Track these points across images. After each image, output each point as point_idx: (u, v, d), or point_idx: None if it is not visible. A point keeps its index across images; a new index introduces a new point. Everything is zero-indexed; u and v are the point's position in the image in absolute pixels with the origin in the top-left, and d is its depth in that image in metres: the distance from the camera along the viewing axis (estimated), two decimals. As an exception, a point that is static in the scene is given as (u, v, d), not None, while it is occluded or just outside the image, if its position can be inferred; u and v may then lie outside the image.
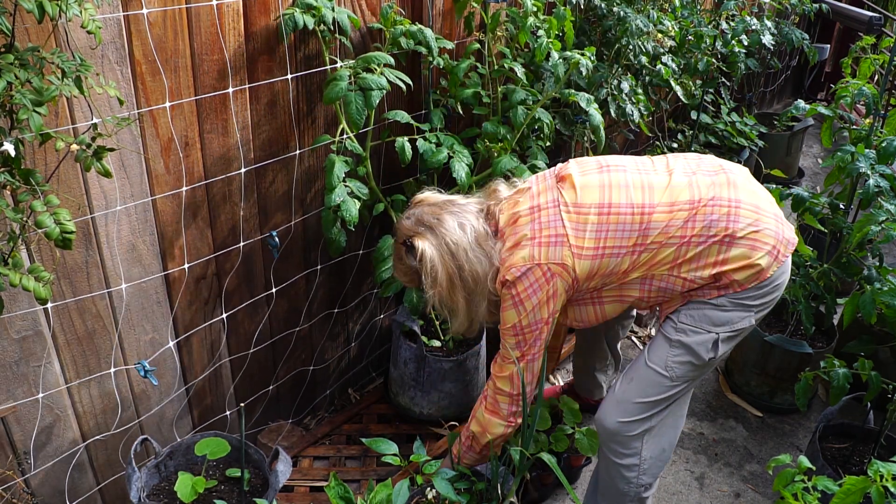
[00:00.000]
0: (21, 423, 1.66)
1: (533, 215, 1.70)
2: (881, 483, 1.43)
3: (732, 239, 1.64)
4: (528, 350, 1.75)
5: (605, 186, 1.69)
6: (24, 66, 1.20)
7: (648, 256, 1.67)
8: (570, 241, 1.66)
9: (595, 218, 1.66)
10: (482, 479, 1.88)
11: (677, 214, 1.65)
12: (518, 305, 1.69)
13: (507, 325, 1.74)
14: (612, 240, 1.66)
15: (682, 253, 1.65)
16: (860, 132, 2.57)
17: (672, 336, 1.75)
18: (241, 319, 2.07)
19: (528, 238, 1.68)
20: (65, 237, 1.23)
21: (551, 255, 1.66)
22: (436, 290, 1.72)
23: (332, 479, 1.67)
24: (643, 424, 1.80)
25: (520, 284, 1.67)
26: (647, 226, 1.65)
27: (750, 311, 1.71)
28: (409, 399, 2.37)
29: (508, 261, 1.70)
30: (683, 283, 1.69)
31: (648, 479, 1.89)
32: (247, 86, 1.79)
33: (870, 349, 2.41)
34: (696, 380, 1.80)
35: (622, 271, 1.69)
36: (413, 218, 1.76)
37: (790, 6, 3.77)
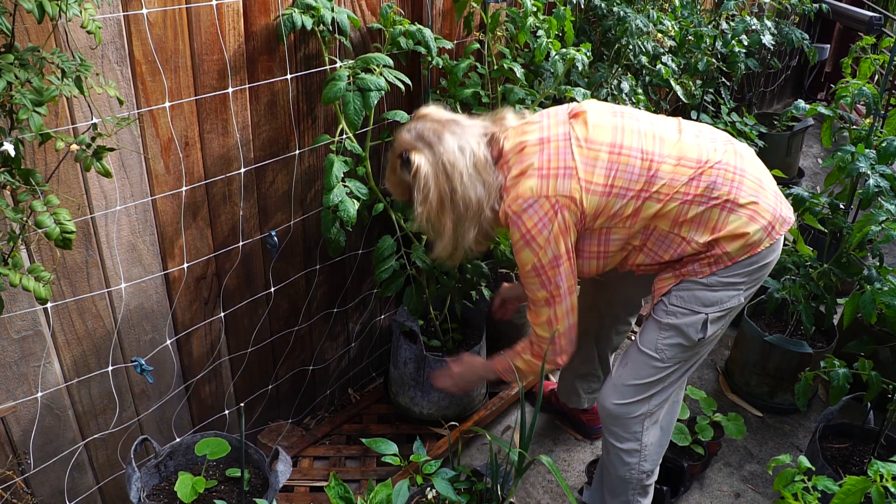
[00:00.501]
0: (21, 422, 1.66)
1: (542, 146, 1.67)
2: (881, 483, 1.43)
3: (733, 206, 1.65)
4: (554, 290, 1.72)
5: (618, 129, 1.68)
6: (24, 66, 1.20)
7: (652, 207, 1.65)
8: (578, 175, 1.63)
9: (605, 156, 1.65)
10: (482, 480, 1.88)
11: (682, 170, 1.65)
12: (531, 243, 1.66)
13: (526, 267, 1.70)
14: (620, 180, 1.64)
15: (684, 211, 1.65)
16: (860, 132, 2.57)
17: (662, 319, 1.77)
18: (240, 319, 2.07)
19: (535, 168, 1.64)
20: (65, 237, 1.23)
21: (559, 188, 1.63)
22: (425, 207, 1.69)
23: (332, 479, 1.67)
24: (640, 407, 1.83)
25: (527, 218, 1.64)
26: (654, 174, 1.64)
27: (739, 290, 1.72)
28: (409, 399, 2.36)
29: (513, 190, 1.66)
30: (680, 244, 1.68)
31: (650, 466, 1.92)
32: (247, 86, 1.79)
33: (870, 349, 2.41)
34: (687, 361, 1.81)
35: (626, 215, 1.67)
36: (414, 132, 1.72)
37: (790, 6, 3.77)
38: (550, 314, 1.75)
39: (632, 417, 1.85)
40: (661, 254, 1.72)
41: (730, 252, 1.67)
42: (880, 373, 2.11)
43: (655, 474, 1.97)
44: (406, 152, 1.70)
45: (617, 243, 1.73)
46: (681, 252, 1.70)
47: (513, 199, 1.65)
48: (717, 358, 2.97)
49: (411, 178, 1.69)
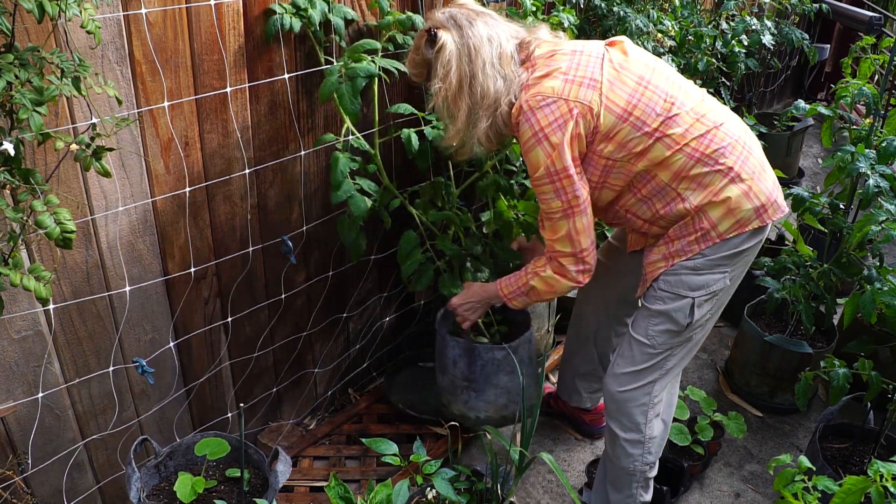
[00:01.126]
0: (21, 422, 1.66)
1: (574, 56, 1.67)
2: (881, 483, 1.43)
3: (735, 177, 1.66)
4: (572, 199, 1.69)
5: (650, 67, 1.69)
6: (23, 66, 1.20)
7: (661, 151, 1.65)
8: (602, 90, 1.63)
9: (633, 84, 1.65)
10: (482, 480, 1.87)
11: (699, 125, 1.66)
12: (542, 142, 1.63)
13: (538, 169, 1.66)
14: (639, 111, 1.64)
15: (689, 166, 1.66)
16: (860, 132, 2.57)
17: (651, 305, 1.79)
18: (241, 319, 2.07)
19: (562, 72, 1.64)
20: (65, 237, 1.23)
21: (581, 95, 1.62)
22: (444, 85, 1.67)
23: (332, 479, 1.67)
24: (642, 396, 1.85)
25: (542, 116, 1.62)
26: (672, 117, 1.65)
27: (724, 272, 1.74)
28: (463, 404, 2.18)
29: (534, 87, 1.65)
30: (675, 198, 1.69)
31: (653, 458, 1.94)
32: (247, 86, 1.79)
33: (870, 349, 2.41)
34: (679, 347, 1.83)
35: (635, 151, 1.66)
36: (447, 13, 1.71)
37: (790, 6, 3.77)
38: (570, 227, 1.71)
39: (635, 406, 1.87)
40: (654, 203, 1.73)
41: (717, 226, 1.68)
42: (880, 373, 2.11)
43: (656, 468, 1.99)
44: (434, 29, 1.69)
45: (616, 179, 1.72)
46: (672, 208, 1.71)
47: (532, 94, 1.64)
48: (717, 358, 2.97)
49: (434, 53, 1.68)
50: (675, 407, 2.03)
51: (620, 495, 1.99)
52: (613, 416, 1.92)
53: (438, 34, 1.67)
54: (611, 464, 1.99)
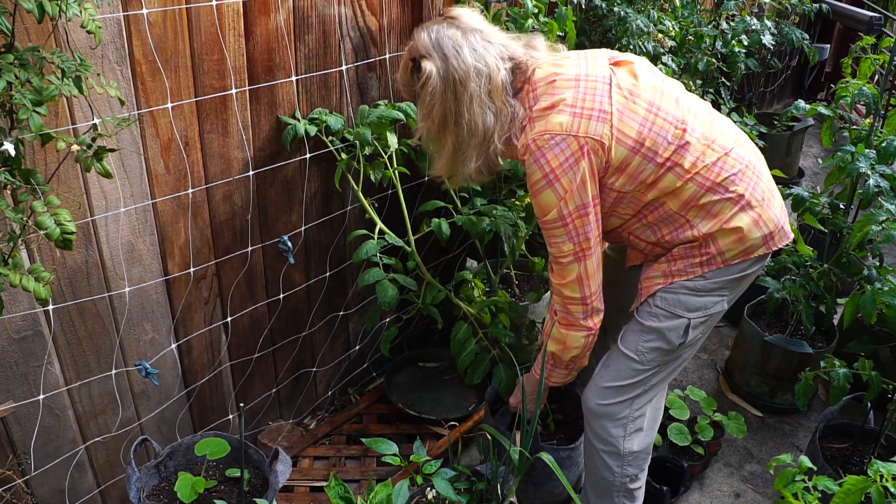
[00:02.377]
0: (21, 423, 1.66)
1: (578, 83, 1.56)
2: (881, 483, 1.43)
3: (745, 205, 1.62)
4: (584, 241, 1.60)
5: (658, 90, 1.61)
6: (23, 66, 1.20)
7: (672, 182, 1.59)
8: (612, 122, 1.54)
9: (643, 112, 1.57)
10: (482, 480, 1.87)
11: (709, 153, 1.60)
12: (554, 183, 1.54)
13: (549, 212, 1.58)
14: (651, 141, 1.56)
15: (699, 195, 1.60)
16: (860, 132, 2.57)
17: (645, 321, 1.74)
18: (241, 319, 2.07)
19: (569, 105, 1.53)
20: (65, 237, 1.23)
21: (591, 130, 1.52)
22: (426, 124, 1.60)
23: (332, 479, 1.67)
24: (622, 410, 1.80)
25: (552, 156, 1.52)
26: (684, 146, 1.58)
27: (723, 296, 1.71)
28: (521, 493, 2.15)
29: (539, 123, 1.54)
30: (682, 225, 1.64)
31: (634, 471, 1.89)
32: (247, 86, 1.79)
33: (870, 349, 2.41)
34: (667, 365, 1.79)
35: (647, 182, 1.60)
36: (434, 38, 1.58)
37: (790, 6, 3.78)
38: (580, 270, 1.63)
39: (614, 420, 1.82)
40: (660, 229, 1.68)
41: (724, 253, 1.64)
42: (880, 373, 2.11)
43: (641, 479, 1.94)
44: (419, 58, 1.59)
45: (626, 208, 1.67)
46: (678, 234, 1.66)
47: (539, 132, 1.54)
48: (717, 358, 2.97)
49: (419, 87, 1.59)
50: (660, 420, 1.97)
51: (602, 502, 1.96)
52: (591, 428, 1.87)
53: (423, 66, 1.57)
54: (590, 472, 1.96)
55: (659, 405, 1.93)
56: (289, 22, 1.82)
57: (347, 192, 2.21)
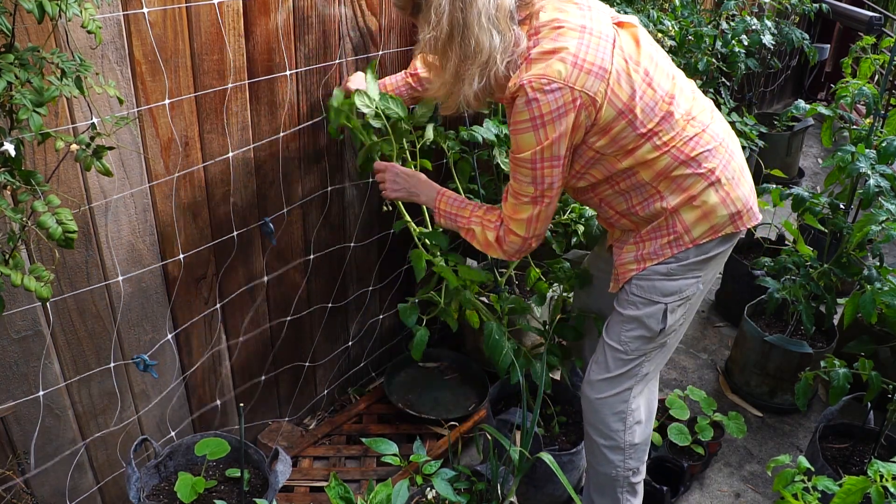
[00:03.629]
0: (21, 422, 1.66)
1: (583, 34, 1.53)
2: (881, 483, 1.43)
3: (715, 182, 1.64)
4: (547, 189, 1.62)
5: (654, 62, 1.62)
6: (24, 66, 1.20)
7: (648, 152, 1.61)
8: (609, 81, 1.53)
9: (639, 80, 1.57)
10: (482, 480, 1.87)
11: (689, 128, 1.63)
12: (539, 129, 1.53)
13: (524, 152, 1.57)
14: (639, 109, 1.57)
15: (672, 168, 1.62)
16: (860, 132, 2.57)
17: (624, 311, 1.76)
18: (241, 319, 2.07)
19: (571, 53, 1.51)
20: (67, 237, 1.23)
21: (588, 85, 1.51)
22: (435, 32, 1.54)
23: (332, 479, 1.67)
24: (618, 404, 1.83)
25: (544, 102, 1.51)
26: (667, 119, 1.60)
27: (697, 277, 1.72)
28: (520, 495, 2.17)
29: (538, 65, 1.51)
30: (652, 196, 1.66)
31: (635, 463, 1.91)
32: (247, 85, 1.79)
33: (870, 349, 2.41)
34: (653, 353, 1.80)
35: (626, 149, 1.61)
36: None
37: (790, 6, 3.78)
38: (534, 213, 1.65)
39: (612, 413, 1.84)
40: (631, 198, 1.69)
41: (691, 231, 1.66)
42: (880, 373, 2.11)
43: (642, 472, 1.96)
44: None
45: (598, 171, 1.68)
46: (648, 205, 1.67)
47: (536, 75, 1.51)
48: (717, 358, 2.97)
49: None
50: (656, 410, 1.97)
51: (605, 500, 1.97)
52: (591, 423, 1.89)
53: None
54: (592, 469, 1.97)
55: (653, 396, 1.94)
56: (289, 22, 1.82)
57: (345, 190, 2.21)
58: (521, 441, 1.86)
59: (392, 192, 1.91)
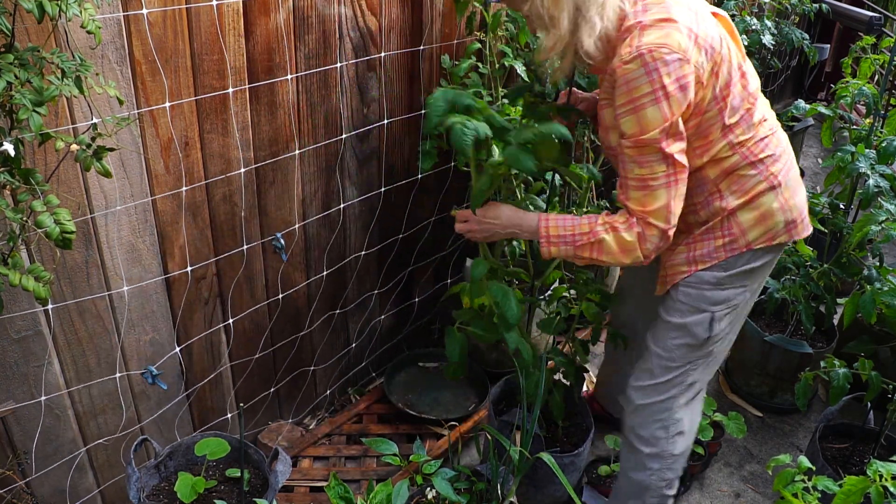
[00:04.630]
0: (21, 423, 1.66)
1: (691, 10, 1.47)
2: (881, 483, 1.43)
3: (777, 186, 1.63)
4: (679, 166, 1.50)
5: (744, 58, 1.60)
6: (23, 66, 1.20)
7: (722, 148, 1.58)
8: (715, 62, 1.48)
9: (735, 71, 1.55)
10: (482, 480, 1.87)
11: (761, 129, 1.62)
12: (661, 101, 1.43)
13: (651, 130, 1.45)
14: (729, 100, 1.54)
15: (739, 166, 1.61)
16: (860, 132, 2.57)
17: (671, 318, 1.75)
18: (240, 319, 2.07)
19: (686, 27, 1.43)
20: (65, 237, 1.23)
21: (699, 61, 1.45)
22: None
23: (332, 479, 1.68)
24: (662, 411, 1.82)
25: (666, 73, 1.41)
26: (746, 117, 1.59)
27: (744, 286, 1.71)
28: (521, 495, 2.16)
29: (654, 34, 1.41)
30: (713, 194, 1.63)
31: (671, 475, 1.90)
32: (247, 86, 1.79)
33: (870, 349, 2.41)
34: (699, 361, 1.79)
35: (707, 138, 1.56)
36: None
37: (790, 6, 3.77)
38: (670, 197, 1.51)
39: (656, 421, 1.83)
40: (692, 196, 1.63)
41: (747, 234, 1.64)
42: (880, 373, 2.11)
43: (675, 487, 1.94)
44: None
45: None
46: (706, 203, 1.64)
47: (656, 43, 1.40)
48: (717, 358, 2.98)
49: None
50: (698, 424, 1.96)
51: None
52: (633, 429, 1.88)
53: None
54: (625, 478, 1.95)
55: (697, 408, 1.91)
56: (289, 22, 1.82)
57: (346, 191, 2.21)
58: (521, 441, 1.86)
59: (479, 235, 1.76)
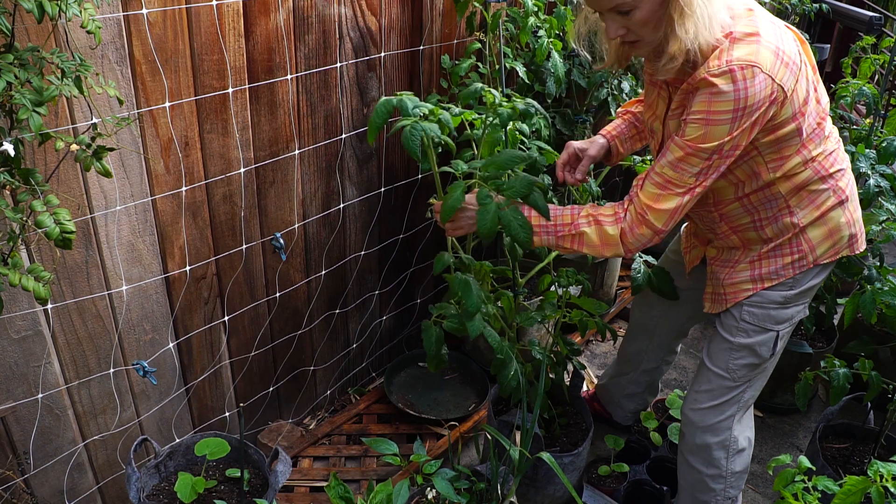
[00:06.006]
0: (21, 422, 1.66)
1: (774, 24, 1.46)
2: (881, 483, 1.43)
3: (845, 201, 1.63)
4: (704, 180, 1.49)
5: (815, 72, 1.57)
6: (23, 66, 1.20)
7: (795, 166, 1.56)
8: (798, 78, 1.45)
9: (810, 86, 1.52)
10: (482, 480, 1.87)
11: (829, 143, 1.61)
12: (738, 119, 1.40)
13: (710, 142, 1.43)
14: (806, 115, 1.51)
15: (810, 181, 1.59)
16: (860, 132, 2.57)
17: (734, 338, 1.74)
18: (241, 319, 2.07)
19: (773, 42, 1.40)
20: (65, 237, 1.23)
21: (784, 79, 1.41)
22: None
23: (332, 479, 1.68)
24: (723, 431, 1.83)
25: (752, 92, 1.38)
26: (818, 132, 1.57)
27: (804, 303, 1.72)
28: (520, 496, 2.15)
29: (744, 49, 1.38)
30: (782, 210, 1.61)
31: (734, 492, 1.91)
32: (247, 86, 1.79)
33: (870, 349, 2.41)
34: (757, 378, 1.80)
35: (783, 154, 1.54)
36: None
37: (790, 6, 3.77)
38: (680, 204, 1.51)
39: (717, 441, 1.84)
40: (758, 212, 1.62)
41: (815, 249, 1.64)
42: (880, 373, 2.11)
43: (739, 501, 1.95)
44: None
45: (742, 171, 1.58)
46: (775, 220, 1.62)
47: (747, 61, 1.37)
48: (718, 358, 2.97)
49: None
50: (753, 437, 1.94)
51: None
52: (694, 452, 1.89)
53: None
54: (690, 497, 1.96)
55: (749, 423, 1.92)
56: (289, 22, 1.82)
57: (346, 191, 2.21)
58: (521, 441, 1.86)
59: (457, 230, 1.70)
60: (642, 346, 2.23)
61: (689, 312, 2.08)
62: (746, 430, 1.89)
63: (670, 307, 2.09)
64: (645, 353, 2.23)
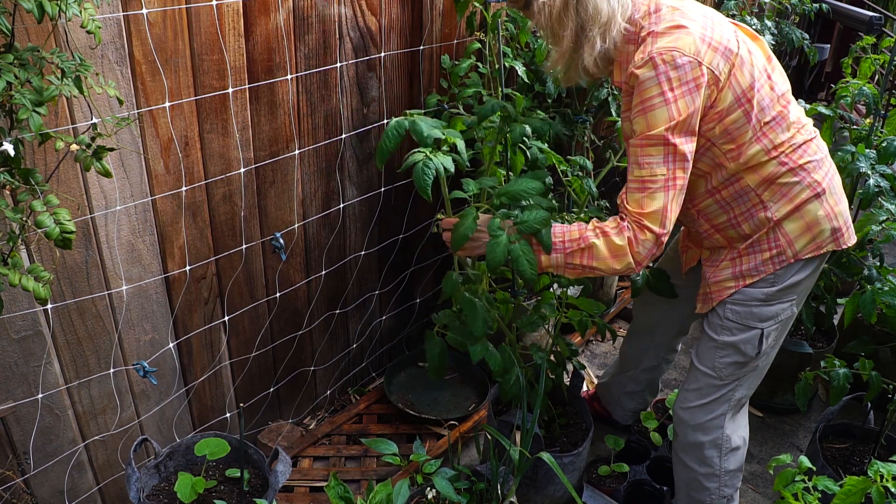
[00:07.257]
0: (21, 423, 1.66)
1: (706, 17, 1.52)
2: (881, 483, 1.43)
3: (822, 194, 1.62)
4: (679, 169, 1.50)
5: (771, 62, 1.62)
6: (23, 66, 1.20)
7: (757, 154, 1.58)
8: (734, 64, 1.50)
9: (758, 73, 1.55)
10: (482, 480, 1.87)
11: (798, 135, 1.61)
12: (670, 104, 1.46)
13: (656, 128, 1.48)
14: (756, 101, 1.54)
15: (779, 174, 1.60)
16: (860, 132, 2.57)
17: (718, 336, 1.75)
18: (241, 319, 2.07)
19: (699, 30, 1.48)
20: (65, 237, 1.23)
21: (714, 63, 1.48)
22: (548, 1, 1.51)
23: (332, 479, 1.68)
24: (714, 430, 1.83)
25: (675, 76, 1.45)
26: (779, 120, 1.58)
27: (791, 301, 1.71)
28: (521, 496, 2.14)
29: (666, 38, 1.47)
30: (756, 206, 1.62)
31: (729, 491, 1.91)
32: (247, 86, 1.79)
33: (870, 349, 2.41)
34: (746, 376, 1.80)
35: (737, 143, 1.56)
36: None
37: (790, 6, 3.77)
38: (666, 201, 1.51)
39: (709, 440, 1.84)
40: (733, 208, 1.65)
41: (794, 243, 1.64)
42: (880, 373, 2.11)
43: (736, 500, 1.95)
44: None
45: (705, 163, 1.61)
46: (750, 216, 1.64)
47: (667, 48, 1.45)
48: (717, 358, 2.97)
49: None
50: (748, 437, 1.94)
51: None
52: (687, 451, 1.89)
53: None
54: (686, 496, 1.96)
55: (743, 422, 1.92)
56: (289, 22, 1.82)
57: (346, 191, 2.21)
58: (521, 441, 1.86)
59: (465, 251, 1.69)
60: (644, 344, 2.23)
61: (689, 311, 2.08)
62: (740, 428, 1.89)
63: (671, 305, 2.10)
64: (646, 350, 2.23)
